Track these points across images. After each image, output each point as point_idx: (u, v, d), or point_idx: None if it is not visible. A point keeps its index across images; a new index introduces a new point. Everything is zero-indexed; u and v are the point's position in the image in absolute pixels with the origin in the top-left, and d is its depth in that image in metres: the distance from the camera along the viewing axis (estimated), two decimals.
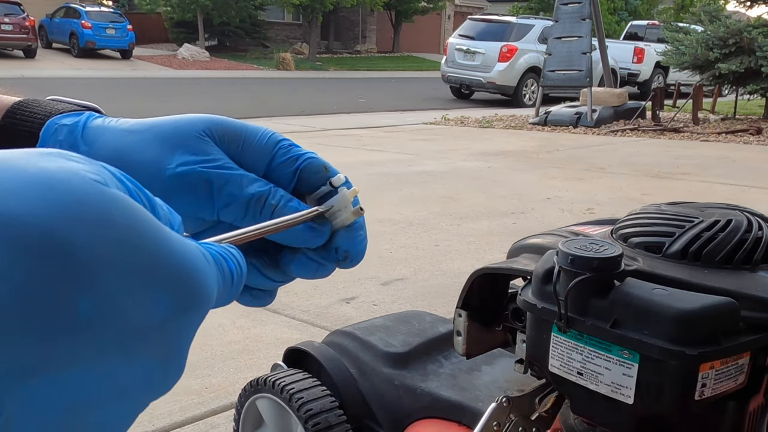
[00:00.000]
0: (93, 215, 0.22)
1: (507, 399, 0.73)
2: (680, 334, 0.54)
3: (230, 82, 17.94)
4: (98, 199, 0.22)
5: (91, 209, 0.22)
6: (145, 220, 0.23)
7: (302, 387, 1.16)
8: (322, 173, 0.43)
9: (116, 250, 0.22)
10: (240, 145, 0.41)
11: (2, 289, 0.19)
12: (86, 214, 0.21)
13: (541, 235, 0.76)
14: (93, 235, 0.21)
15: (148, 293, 0.23)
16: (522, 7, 29.74)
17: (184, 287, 0.24)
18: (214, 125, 0.41)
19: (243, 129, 0.42)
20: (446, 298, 2.73)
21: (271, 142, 0.42)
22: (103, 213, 0.22)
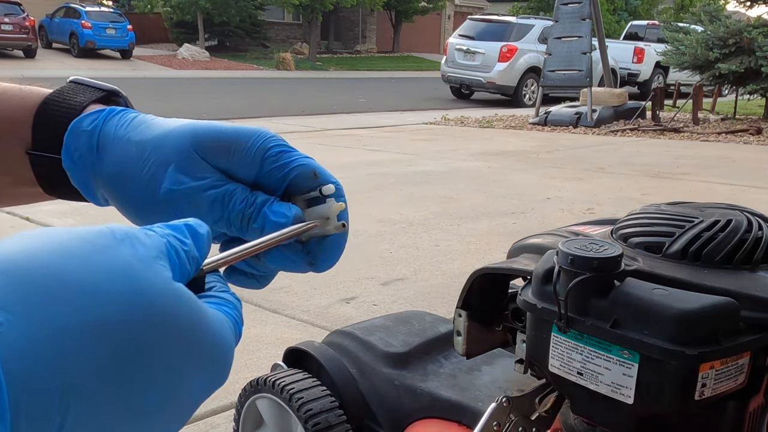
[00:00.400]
0: (167, 315, 0.26)
1: (507, 399, 0.73)
2: (680, 334, 0.54)
3: (230, 82, 17.94)
4: (170, 296, 0.26)
5: (165, 308, 0.26)
6: (199, 311, 0.28)
7: (302, 387, 1.16)
8: (311, 180, 0.44)
9: (182, 344, 0.26)
10: (229, 156, 0.42)
11: (89, 383, 0.23)
12: (162, 312, 0.26)
13: (541, 235, 0.76)
14: (165, 332, 0.26)
15: (195, 377, 0.27)
16: (522, 7, 29.74)
17: (220, 367, 0.29)
18: (202, 139, 0.42)
19: (232, 139, 0.43)
20: (446, 298, 2.73)
21: (259, 151, 0.43)
22: (174, 311, 0.26)
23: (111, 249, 0.26)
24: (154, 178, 0.42)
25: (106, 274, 0.24)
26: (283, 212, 0.42)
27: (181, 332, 0.26)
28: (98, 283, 0.24)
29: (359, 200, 4.41)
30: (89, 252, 0.25)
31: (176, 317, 0.26)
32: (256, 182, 0.43)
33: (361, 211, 4.11)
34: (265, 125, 2.46)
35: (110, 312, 0.24)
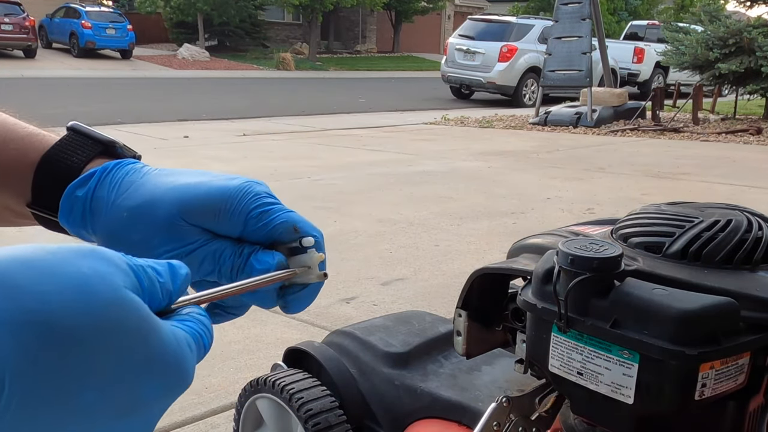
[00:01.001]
0: (112, 322, 0.28)
1: (507, 399, 0.73)
2: (680, 334, 0.54)
3: (230, 82, 17.94)
4: (118, 306, 0.28)
5: (111, 316, 0.28)
6: (150, 324, 0.30)
7: (302, 387, 1.16)
8: (292, 233, 0.47)
9: (125, 351, 0.28)
10: (215, 219, 0.46)
11: (22, 372, 0.25)
12: (107, 320, 0.28)
13: (541, 235, 0.76)
14: (104, 335, 0.27)
15: (143, 384, 0.29)
16: (522, 7, 29.74)
17: (172, 377, 0.30)
18: (188, 206, 0.46)
19: (217, 203, 0.46)
20: (446, 298, 2.73)
21: (242, 213, 0.46)
22: (120, 320, 0.28)
23: (70, 261, 0.28)
24: (145, 242, 0.45)
25: (57, 279, 0.27)
26: (267, 260, 0.46)
27: (123, 340, 0.28)
28: (45, 286, 0.27)
29: (359, 200, 4.41)
30: (47, 261, 0.28)
31: (120, 325, 0.28)
32: (241, 236, 0.47)
33: (361, 211, 4.11)
34: (265, 125, 2.45)
35: (54, 313, 0.26)
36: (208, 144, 7.40)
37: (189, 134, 8.07)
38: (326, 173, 5.56)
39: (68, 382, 0.26)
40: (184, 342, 0.32)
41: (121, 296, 0.29)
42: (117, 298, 0.28)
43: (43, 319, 0.26)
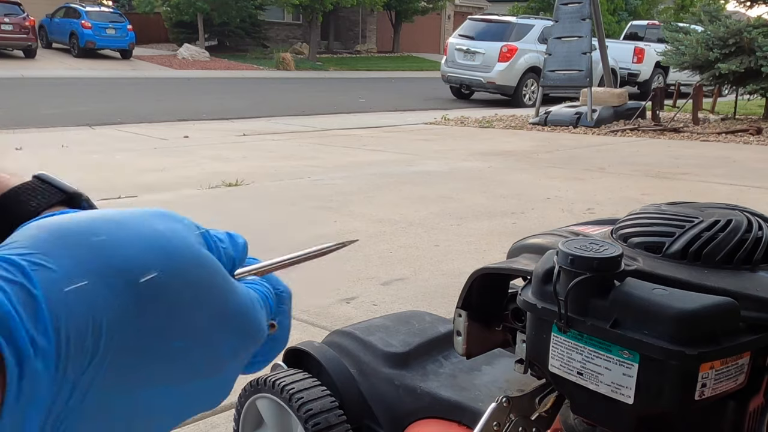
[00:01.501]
0: (191, 275, 0.30)
1: (507, 399, 0.73)
2: (680, 334, 0.54)
3: (230, 82, 17.94)
4: (193, 261, 0.31)
5: (189, 268, 0.30)
6: (222, 278, 0.32)
7: (302, 387, 1.16)
8: None
9: (203, 302, 0.30)
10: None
11: (117, 321, 0.28)
12: (185, 273, 0.30)
13: (541, 235, 0.76)
14: (187, 289, 0.30)
15: (223, 335, 0.31)
16: (522, 7, 29.74)
17: (247, 330, 0.33)
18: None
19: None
20: (446, 298, 2.73)
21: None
22: (196, 272, 0.31)
23: (148, 219, 0.31)
24: None
25: (137, 234, 0.30)
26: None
27: (205, 294, 0.31)
28: (127, 239, 0.29)
29: (359, 200, 4.41)
30: (129, 219, 0.31)
31: (201, 281, 0.30)
32: None
33: (361, 211, 4.11)
34: (265, 125, 2.44)
35: (135, 262, 0.29)
36: (208, 144, 7.40)
37: (189, 134, 8.07)
38: (326, 173, 5.56)
39: (158, 333, 0.29)
40: (257, 301, 0.34)
41: (198, 254, 0.31)
42: (195, 255, 0.31)
43: (132, 276, 0.28)
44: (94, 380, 0.27)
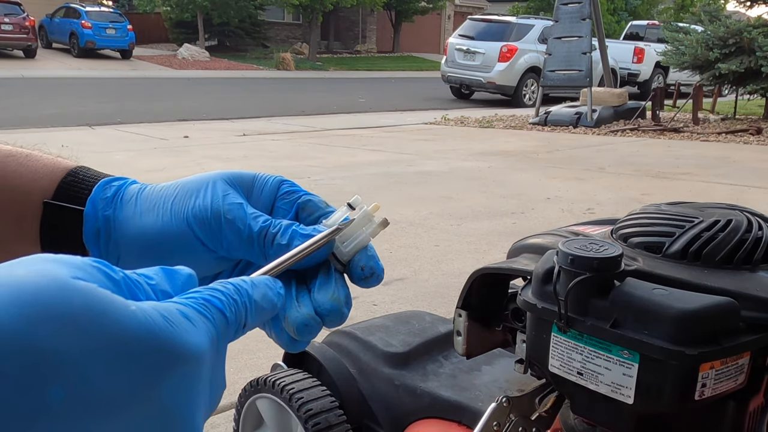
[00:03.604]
0: (55, 313, 0.24)
1: (507, 399, 0.73)
2: (680, 334, 0.54)
3: (230, 82, 17.94)
4: (60, 296, 0.25)
5: (53, 308, 0.24)
6: (108, 304, 0.26)
7: (302, 387, 1.16)
8: (323, 205, 0.47)
9: (79, 339, 0.24)
10: (251, 187, 0.46)
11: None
12: (49, 313, 0.24)
13: (541, 235, 0.76)
14: (56, 331, 0.24)
15: (117, 369, 0.25)
16: (522, 7, 29.73)
17: (154, 355, 0.26)
18: (229, 176, 0.47)
19: (252, 176, 0.47)
20: (446, 298, 2.73)
21: (275, 183, 0.47)
22: (65, 308, 0.25)
23: (21, 264, 0.26)
24: (189, 195, 0.45)
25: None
26: (310, 230, 0.44)
27: (77, 324, 0.25)
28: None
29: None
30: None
31: (69, 308, 0.25)
32: (272, 213, 0.46)
33: None
34: (265, 125, 2.45)
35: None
36: (208, 144, 7.40)
37: (189, 134, 8.07)
38: (326, 173, 5.56)
39: (29, 393, 0.23)
40: (176, 314, 0.28)
41: (63, 284, 0.25)
42: (58, 287, 0.25)
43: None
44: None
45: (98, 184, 0.48)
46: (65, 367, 0.24)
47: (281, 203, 0.46)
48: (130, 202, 0.47)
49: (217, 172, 0.47)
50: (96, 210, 0.47)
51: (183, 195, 0.45)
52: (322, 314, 0.43)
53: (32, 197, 0.48)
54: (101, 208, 0.47)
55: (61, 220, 0.48)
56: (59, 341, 0.24)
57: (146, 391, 0.26)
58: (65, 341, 0.24)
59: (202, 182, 0.46)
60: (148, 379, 0.26)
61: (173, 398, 0.27)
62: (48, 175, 0.49)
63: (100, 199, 0.47)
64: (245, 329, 0.34)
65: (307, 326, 0.42)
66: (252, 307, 0.34)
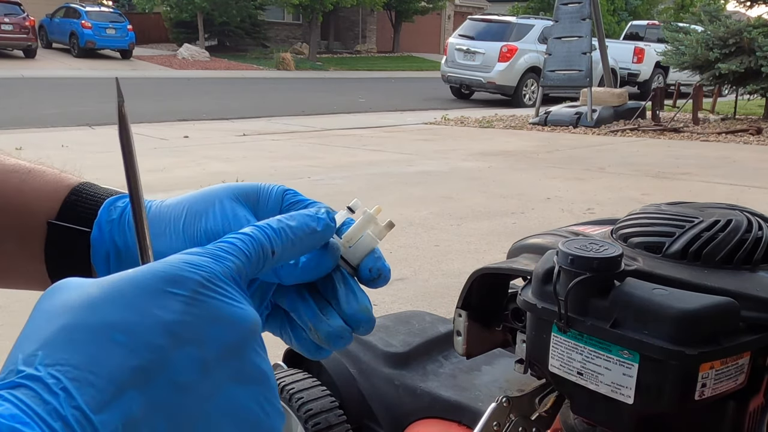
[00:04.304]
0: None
1: (507, 399, 0.73)
2: (680, 334, 0.54)
3: (230, 82, 17.94)
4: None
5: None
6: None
7: (302, 387, 1.16)
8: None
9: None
10: (256, 199, 0.47)
11: None
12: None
13: (541, 235, 0.76)
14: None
15: None
16: (522, 7, 29.73)
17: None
18: (234, 190, 0.47)
19: (256, 188, 0.48)
20: (446, 298, 2.74)
21: (279, 193, 0.48)
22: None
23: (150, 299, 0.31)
24: (198, 216, 0.45)
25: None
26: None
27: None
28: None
29: (359, 200, 4.38)
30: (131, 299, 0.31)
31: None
32: None
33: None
34: (265, 125, 2.44)
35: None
36: (208, 144, 7.40)
37: (189, 134, 8.07)
38: (326, 173, 5.56)
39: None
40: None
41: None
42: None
43: None
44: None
45: (103, 206, 0.48)
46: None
47: (289, 207, 0.47)
48: None
49: (222, 188, 0.47)
50: (103, 233, 0.47)
51: (192, 216, 0.45)
52: (354, 325, 0.43)
53: (36, 216, 0.48)
54: (108, 231, 0.47)
55: (67, 241, 0.48)
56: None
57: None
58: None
59: (209, 201, 0.46)
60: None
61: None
62: (51, 194, 0.49)
63: (106, 221, 0.47)
64: (276, 256, 0.37)
65: (341, 338, 0.43)
66: (278, 236, 0.37)
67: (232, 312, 0.32)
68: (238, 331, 0.32)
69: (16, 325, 1.47)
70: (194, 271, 0.32)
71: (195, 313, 0.31)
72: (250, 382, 0.32)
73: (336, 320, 0.43)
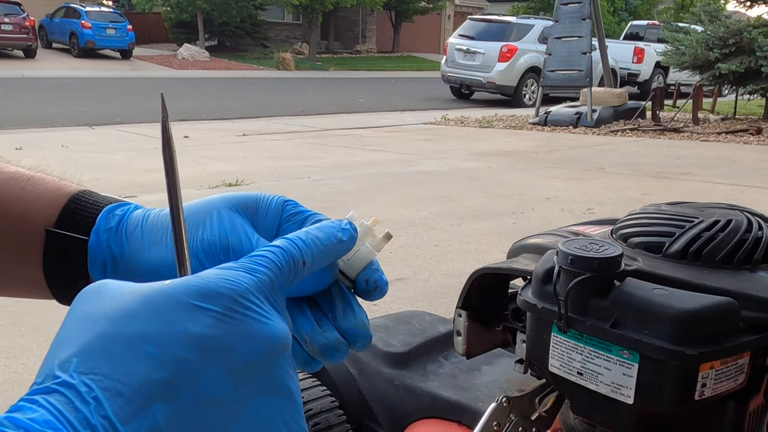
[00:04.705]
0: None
1: (507, 399, 0.73)
2: (680, 334, 0.54)
3: (230, 82, 17.94)
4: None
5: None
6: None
7: (302, 387, 1.16)
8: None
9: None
10: (255, 210, 0.47)
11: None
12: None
13: (541, 235, 0.76)
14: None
15: None
16: (522, 7, 29.74)
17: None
18: (234, 200, 0.47)
19: (255, 198, 0.48)
20: (446, 298, 2.74)
21: (279, 203, 0.47)
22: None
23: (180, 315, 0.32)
24: (195, 226, 0.45)
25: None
26: None
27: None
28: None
29: (359, 200, 4.41)
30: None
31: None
32: (278, 233, 0.47)
33: (361, 212, 4.10)
34: (265, 125, 2.44)
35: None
36: (208, 144, 7.40)
37: (189, 134, 8.07)
38: (326, 173, 5.56)
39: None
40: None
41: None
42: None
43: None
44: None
45: (101, 214, 0.48)
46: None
47: (287, 225, 0.46)
48: (135, 233, 0.47)
49: (220, 198, 0.47)
50: (100, 241, 0.47)
51: (189, 226, 0.45)
52: (351, 340, 0.44)
53: (35, 224, 0.49)
54: (106, 239, 0.47)
55: (65, 249, 0.48)
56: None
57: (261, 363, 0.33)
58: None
59: (207, 211, 0.46)
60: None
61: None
62: (50, 201, 0.49)
63: (104, 229, 0.48)
64: (307, 267, 0.38)
65: (337, 350, 0.44)
66: (308, 247, 0.38)
67: (263, 328, 0.32)
68: (267, 347, 0.32)
69: (16, 324, 1.50)
70: (228, 287, 0.32)
71: (226, 329, 0.31)
72: (277, 397, 0.33)
73: (332, 333, 0.43)
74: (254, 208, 0.46)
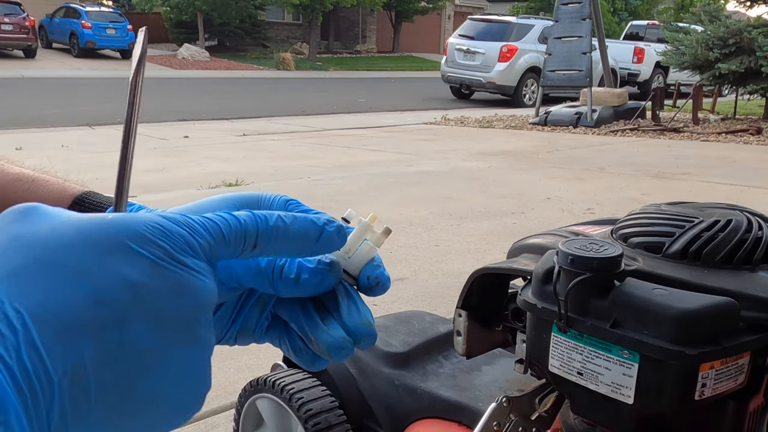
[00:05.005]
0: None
1: (507, 399, 0.73)
2: (680, 334, 0.54)
3: (230, 82, 17.94)
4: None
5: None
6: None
7: (302, 387, 1.16)
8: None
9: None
10: (258, 207, 0.46)
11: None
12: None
13: (541, 235, 0.76)
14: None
15: None
16: (522, 7, 29.74)
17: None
18: (234, 201, 0.47)
19: (257, 195, 0.47)
20: (446, 298, 2.74)
21: (281, 202, 0.47)
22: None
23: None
24: None
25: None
26: (317, 259, 0.44)
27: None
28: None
29: (359, 200, 4.41)
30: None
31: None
32: None
33: (361, 212, 4.10)
34: (266, 125, 2.44)
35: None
36: (208, 144, 7.40)
37: (189, 134, 8.07)
38: (326, 173, 5.56)
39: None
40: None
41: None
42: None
43: None
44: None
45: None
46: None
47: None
48: None
49: (221, 198, 0.46)
50: None
51: None
52: (356, 338, 0.43)
53: None
54: None
55: None
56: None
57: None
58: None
59: (208, 211, 0.45)
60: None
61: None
62: (55, 203, 0.49)
63: None
64: (257, 250, 0.37)
65: (343, 348, 0.43)
66: (268, 231, 0.37)
67: (195, 284, 0.33)
68: (195, 302, 0.33)
69: None
70: (168, 239, 0.33)
71: (161, 278, 0.31)
72: (196, 349, 0.33)
73: (338, 331, 0.43)
74: (256, 207, 0.46)
